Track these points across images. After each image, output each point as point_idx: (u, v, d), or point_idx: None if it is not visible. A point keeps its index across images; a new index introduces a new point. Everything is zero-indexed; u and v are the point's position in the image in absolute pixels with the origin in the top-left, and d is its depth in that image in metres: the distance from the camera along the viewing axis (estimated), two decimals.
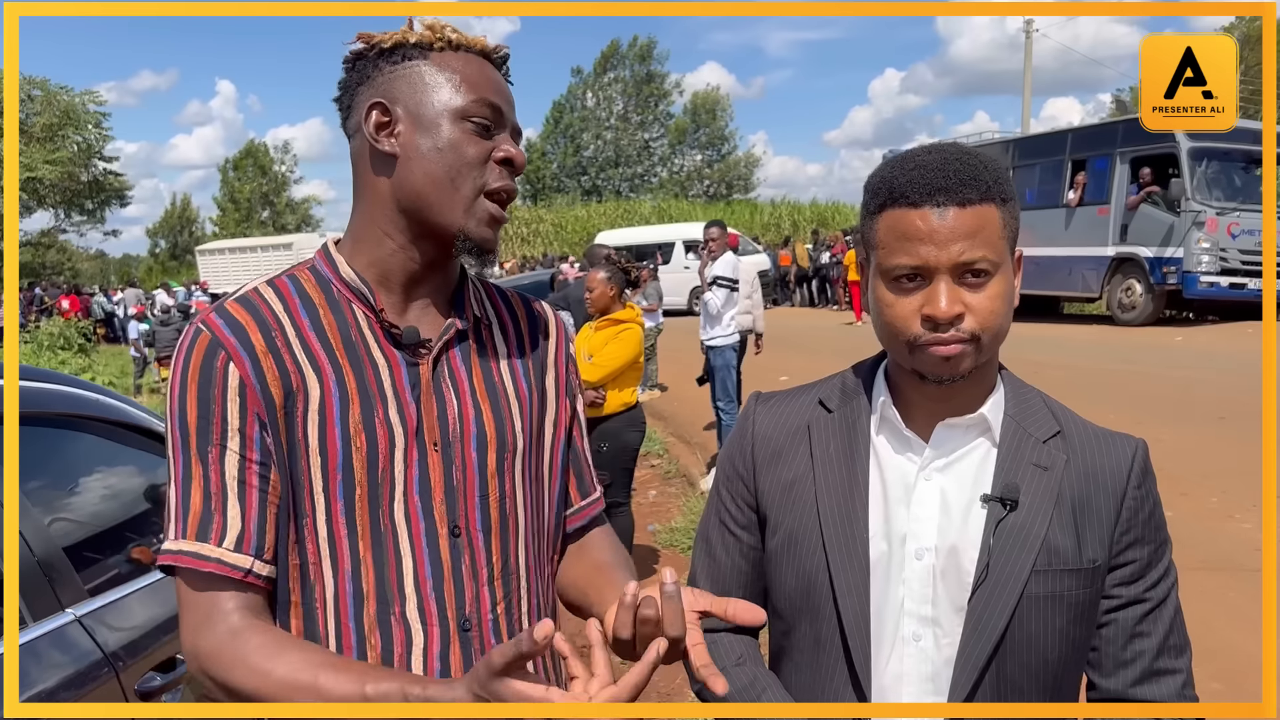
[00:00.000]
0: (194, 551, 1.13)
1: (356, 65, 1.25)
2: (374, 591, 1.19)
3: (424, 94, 1.21)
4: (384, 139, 1.21)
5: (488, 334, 1.34)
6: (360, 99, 1.23)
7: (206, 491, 1.15)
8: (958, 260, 1.13)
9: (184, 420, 1.15)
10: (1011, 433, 1.25)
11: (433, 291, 1.29)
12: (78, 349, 19.83)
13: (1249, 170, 15.03)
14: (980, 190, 1.14)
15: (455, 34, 1.23)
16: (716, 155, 55.67)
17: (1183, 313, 15.40)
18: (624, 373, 5.35)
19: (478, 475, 1.26)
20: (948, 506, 1.23)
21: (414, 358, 1.24)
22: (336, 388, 1.19)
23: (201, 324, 1.17)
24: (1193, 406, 8.57)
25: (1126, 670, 1.24)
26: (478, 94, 1.21)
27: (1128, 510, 1.23)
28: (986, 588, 1.20)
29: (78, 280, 44.17)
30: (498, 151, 1.22)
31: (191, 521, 1.14)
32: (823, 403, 1.35)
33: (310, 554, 1.18)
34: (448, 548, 1.23)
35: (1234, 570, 4.95)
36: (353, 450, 1.18)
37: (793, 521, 1.30)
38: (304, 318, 1.21)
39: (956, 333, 1.15)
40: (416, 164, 1.20)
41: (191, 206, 67.12)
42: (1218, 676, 3.90)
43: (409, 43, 1.22)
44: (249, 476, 1.16)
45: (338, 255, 1.26)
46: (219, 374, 1.15)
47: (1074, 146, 16.36)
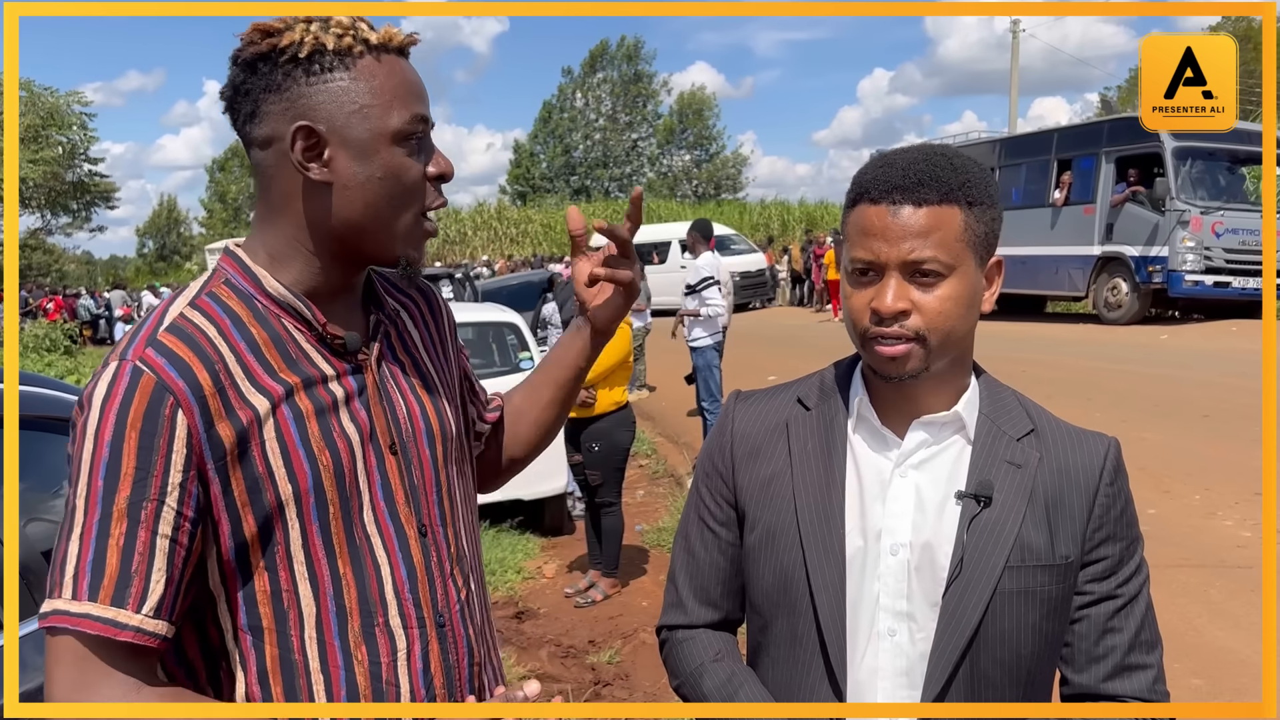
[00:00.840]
0: (107, 618, 1.01)
1: (259, 68, 1.12)
2: (357, 606, 1.17)
3: (352, 115, 1.11)
4: (313, 166, 1.12)
5: (402, 324, 1.33)
6: (271, 110, 1.12)
7: (128, 551, 1.02)
8: (906, 258, 1.16)
9: (114, 469, 1.03)
10: (986, 430, 1.26)
11: (352, 296, 1.26)
12: (63, 351, 19.72)
13: (1233, 170, 15.12)
14: (940, 191, 1.15)
15: (372, 32, 1.13)
16: (705, 155, 55.74)
17: (1168, 311, 15.48)
18: (614, 372, 5.36)
19: (433, 470, 1.27)
20: (922, 503, 1.24)
21: (356, 363, 1.21)
22: (289, 409, 1.13)
23: (140, 363, 1.05)
24: (1177, 404, 8.62)
25: (1098, 665, 1.25)
26: (408, 108, 1.14)
27: (1100, 507, 1.25)
28: (960, 583, 1.21)
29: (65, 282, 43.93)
30: (431, 167, 1.18)
31: (107, 583, 1.01)
32: (801, 400, 1.36)
33: (284, 581, 1.13)
34: (418, 548, 1.23)
35: (1216, 567, 4.98)
36: (320, 469, 1.14)
37: (771, 518, 1.31)
38: (240, 341, 1.13)
39: (900, 329, 1.17)
40: (356, 194, 1.14)
41: (179, 208, 66.94)
42: (1199, 673, 3.93)
43: (326, 49, 1.10)
44: (180, 536, 1.05)
45: (258, 269, 1.17)
46: (165, 424, 1.04)
47: (1060, 146, 16.42)
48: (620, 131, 55.52)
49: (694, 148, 55.85)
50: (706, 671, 1.34)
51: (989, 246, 1.21)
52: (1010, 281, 16.06)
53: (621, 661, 4.67)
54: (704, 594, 1.39)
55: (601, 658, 4.70)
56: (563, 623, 5.27)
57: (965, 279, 1.18)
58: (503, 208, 45.67)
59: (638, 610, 5.33)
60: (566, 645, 4.92)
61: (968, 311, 1.20)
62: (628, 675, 4.52)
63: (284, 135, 1.12)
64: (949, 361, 1.23)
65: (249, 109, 1.14)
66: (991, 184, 1.22)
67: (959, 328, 1.19)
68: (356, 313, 1.26)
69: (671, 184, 54.57)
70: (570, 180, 55.60)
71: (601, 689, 4.37)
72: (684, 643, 1.39)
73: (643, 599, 5.50)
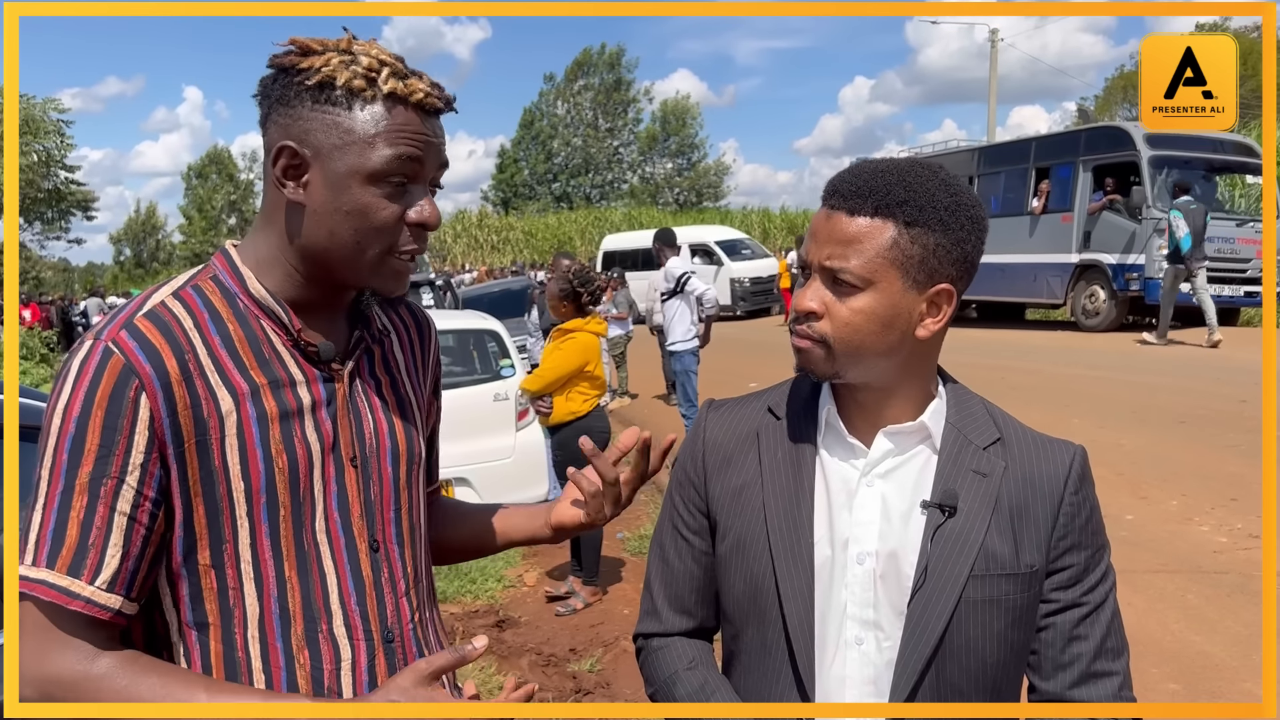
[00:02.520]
0: (61, 586, 1.06)
1: (280, 78, 1.17)
2: (300, 611, 1.18)
3: (338, 148, 1.14)
4: (289, 184, 1.16)
5: (388, 345, 1.35)
6: (276, 121, 1.17)
7: (86, 524, 1.07)
8: (822, 262, 1.19)
9: (79, 444, 1.07)
10: (952, 440, 1.27)
11: (335, 310, 1.27)
12: (39, 359, 19.53)
13: (1209, 179, 15.27)
14: (875, 204, 1.16)
15: (390, 82, 1.15)
16: (687, 163, 55.85)
17: (1145, 318, 15.61)
18: (570, 382, 5.32)
19: (393, 488, 1.27)
20: (888, 512, 1.25)
21: (329, 373, 1.23)
22: (254, 408, 1.15)
23: (112, 344, 1.09)
24: (1154, 411, 8.68)
25: (1065, 673, 1.26)
26: (396, 154, 1.14)
27: (1065, 516, 1.25)
28: (925, 592, 1.21)
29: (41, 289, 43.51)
30: (410, 213, 1.18)
31: (65, 553, 1.06)
32: (771, 410, 1.37)
33: (230, 578, 1.15)
34: (368, 562, 1.23)
35: (1192, 572, 5.02)
36: (275, 471, 1.15)
37: (741, 526, 1.32)
38: (214, 335, 1.16)
39: (807, 329, 1.21)
40: (323, 221, 1.16)
41: (157, 214, 66.44)
42: (1176, 677, 3.96)
43: (336, 83, 1.13)
44: (140, 515, 1.09)
45: (245, 270, 1.21)
46: (129, 404, 1.08)
47: (1038, 154, 16.53)
48: (602, 138, 55.58)
49: (676, 155, 55.99)
50: (680, 679, 1.35)
51: (929, 271, 1.19)
52: (989, 289, 16.22)
53: (603, 669, 4.66)
54: (678, 602, 1.40)
55: (582, 666, 4.69)
56: (543, 631, 5.25)
57: (884, 297, 1.18)
58: (484, 215, 45.51)
59: (619, 618, 5.32)
60: (547, 654, 4.91)
61: (883, 330, 1.19)
62: (609, 683, 4.51)
63: (273, 150, 1.16)
64: (898, 372, 1.24)
65: (264, 112, 1.19)
66: (952, 210, 1.18)
67: (870, 344, 1.20)
68: (340, 326, 1.28)
69: (653, 191, 54.68)
70: (552, 187, 55.62)
71: (582, 697, 4.36)
72: (659, 651, 1.40)
73: (624, 607, 5.49)
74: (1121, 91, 43.71)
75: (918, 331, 1.22)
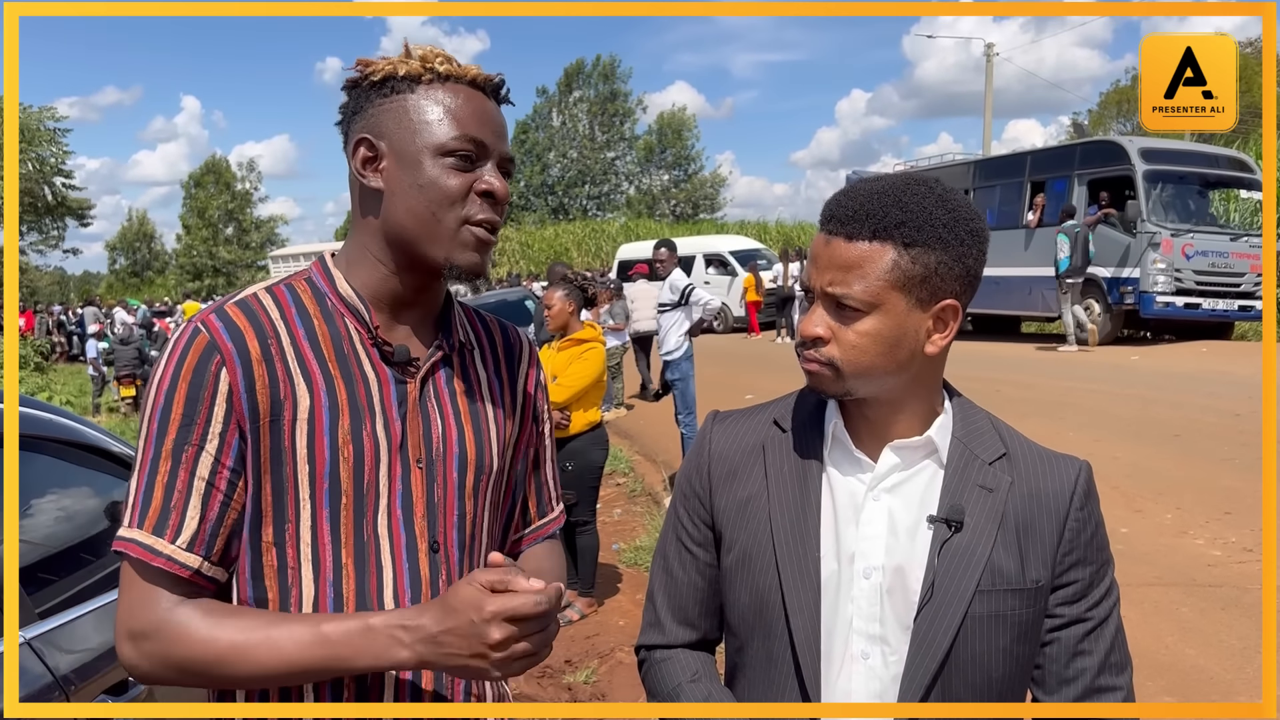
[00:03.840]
0: (147, 544, 1.15)
1: (352, 94, 1.28)
2: (354, 597, 1.21)
3: (408, 130, 1.23)
4: (370, 174, 1.25)
5: (470, 358, 1.38)
6: (353, 129, 1.26)
7: (170, 488, 1.16)
8: (825, 289, 1.20)
9: (166, 415, 1.16)
10: (959, 455, 1.28)
11: (421, 314, 1.32)
12: (34, 367, 19.49)
13: (1203, 193, 15.35)
14: (872, 228, 1.17)
15: (445, 65, 1.25)
16: (683, 175, 55.92)
17: (1140, 332, 15.65)
18: (588, 393, 5.38)
19: (457, 494, 1.30)
20: (895, 526, 1.26)
21: (402, 376, 1.27)
22: (327, 398, 1.21)
23: (201, 324, 1.19)
24: (1149, 424, 8.70)
25: (1069, 688, 1.26)
26: (460, 129, 1.23)
27: (1070, 531, 1.26)
28: (931, 607, 1.22)
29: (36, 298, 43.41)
30: (479, 184, 1.24)
31: (151, 514, 1.15)
32: (777, 422, 1.37)
33: (290, 558, 1.20)
34: (427, 563, 1.26)
35: (1187, 586, 5.03)
36: (340, 460, 1.20)
37: (747, 539, 1.32)
38: (299, 327, 1.24)
39: (815, 354, 1.22)
40: (400, 200, 1.23)
41: (149, 222, 66.36)
42: (1170, 690, 3.96)
43: (398, 75, 1.23)
44: (218, 481, 1.17)
45: (336, 271, 1.29)
46: (211, 378, 1.16)
47: (1033, 168, 16.61)
48: (597, 150, 55.67)
49: (673, 167, 56.05)
50: (684, 692, 1.35)
51: (932, 289, 1.19)
52: (985, 302, 16.24)
53: (598, 681, 4.65)
54: (682, 614, 1.40)
55: (578, 678, 4.68)
56: None
57: (889, 319, 1.19)
58: None
59: (614, 630, 5.31)
60: (543, 665, 4.89)
61: (889, 350, 1.20)
62: (604, 695, 4.50)
63: (351, 149, 1.26)
64: (906, 386, 1.25)
65: (344, 130, 1.29)
66: (951, 226, 1.19)
67: (878, 364, 1.21)
68: (424, 331, 1.33)
69: (650, 203, 54.72)
70: (548, 199, 55.68)
71: None
72: (662, 663, 1.40)
73: (619, 618, 5.48)
74: (1116, 106, 43.86)
75: (926, 348, 1.23)
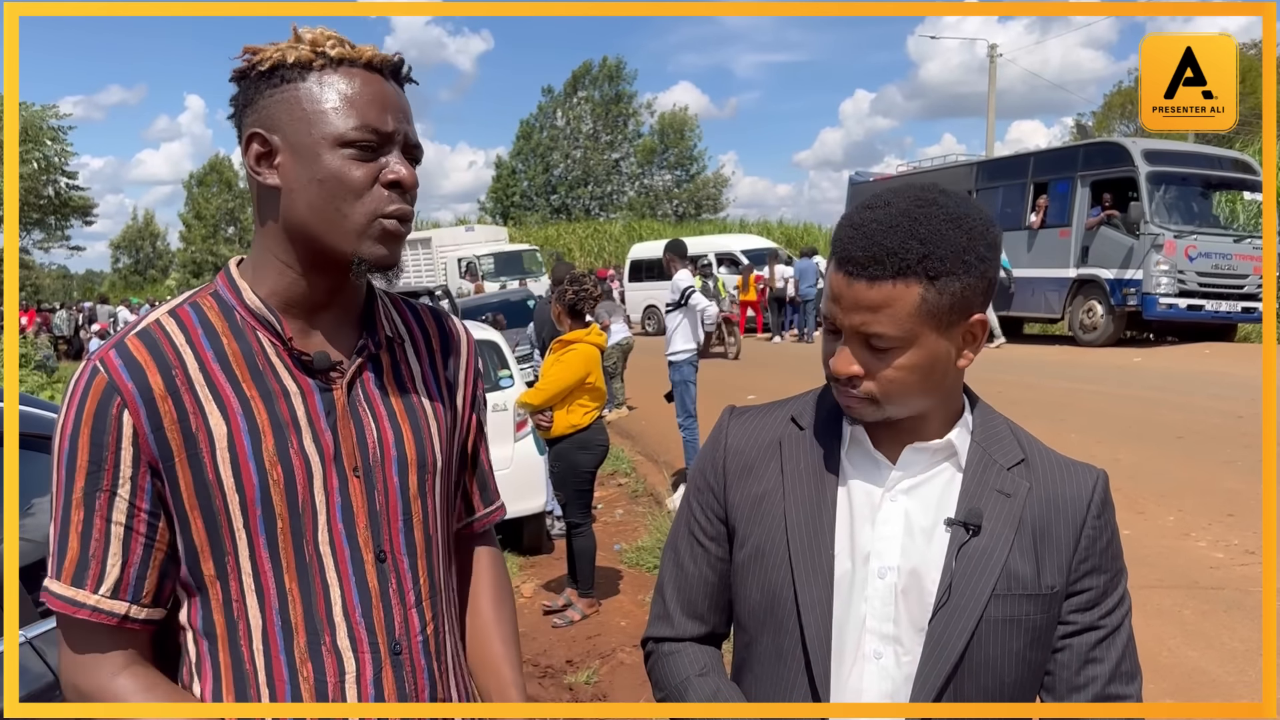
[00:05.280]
0: (68, 597, 1.12)
1: (241, 85, 1.19)
2: (303, 623, 1.18)
3: (301, 121, 1.15)
4: (265, 171, 1.17)
5: (401, 352, 1.32)
6: (244, 124, 1.18)
7: (85, 536, 1.12)
8: (857, 329, 1.18)
9: (73, 462, 1.12)
10: (977, 459, 1.27)
11: (340, 313, 1.26)
12: (35, 365, 19.49)
13: (1206, 195, 15.33)
14: (895, 268, 1.14)
15: (337, 48, 1.16)
16: (685, 175, 55.88)
17: (1142, 334, 15.65)
18: (570, 394, 5.31)
19: (400, 498, 1.26)
20: (911, 528, 1.25)
21: (327, 383, 1.22)
22: (245, 421, 1.15)
23: (99, 363, 1.13)
24: (1151, 426, 8.69)
25: (1079, 695, 1.26)
26: (359, 117, 1.15)
27: (1086, 539, 1.26)
28: (947, 610, 1.21)
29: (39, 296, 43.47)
30: (385, 174, 1.17)
31: (68, 565, 1.12)
32: (795, 420, 1.36)
33: (233, 590, 1.16)
34: (374, 573, 1.22)
35: (1190, 588, 5.02)
36: (270, 483, 1.15)
37: (760, 535, 1.31)
38: (207, 350, 1.17)
39: (853, 391, 1.21)
40: (299, 196, 1.16)
41: (154, 222, 66.43)
42: (1172, 693, 3.95)
43: (287, 62, 1.15)
44: (136, 524, 1.13)
45: (241, 281, 1.22)
46: (113, 422, 1.11)
47: (1036, 169, 16.59)
48: (601, 151, 55.65)
49: (675, 168, 56.01)
50: (691, 686, 1.35)
51: (960, 310, 1.18)
52: None
53: (599, 682, 4.65)
54: (691, 607, 1.40)
55: (579, 678, 4.67)
56: (540, 643, 5.24)
57: (923, 349, 1.18)
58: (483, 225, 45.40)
59: (616, 630, 5.31)
60: (544, 665, 4.89)
61: (925, 377, 1.19)
62: (605, 695, 4.49)
63: (243, 145, 1.18)
64: (927, 400, 1.23)
65: (237, 126, 1.21)
66: (969, 248, 1.16)
67: (917, 390, 1.20)
68: (346, 331, 1.26)
69: (652, 203, 54.69)
70: (551, 199, 55.65)
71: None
72: (669, 656, 1.39)
73: (621, 619, 5.48)
74: (1120, 107, 43.79)
75: (959, 363, 1.22)
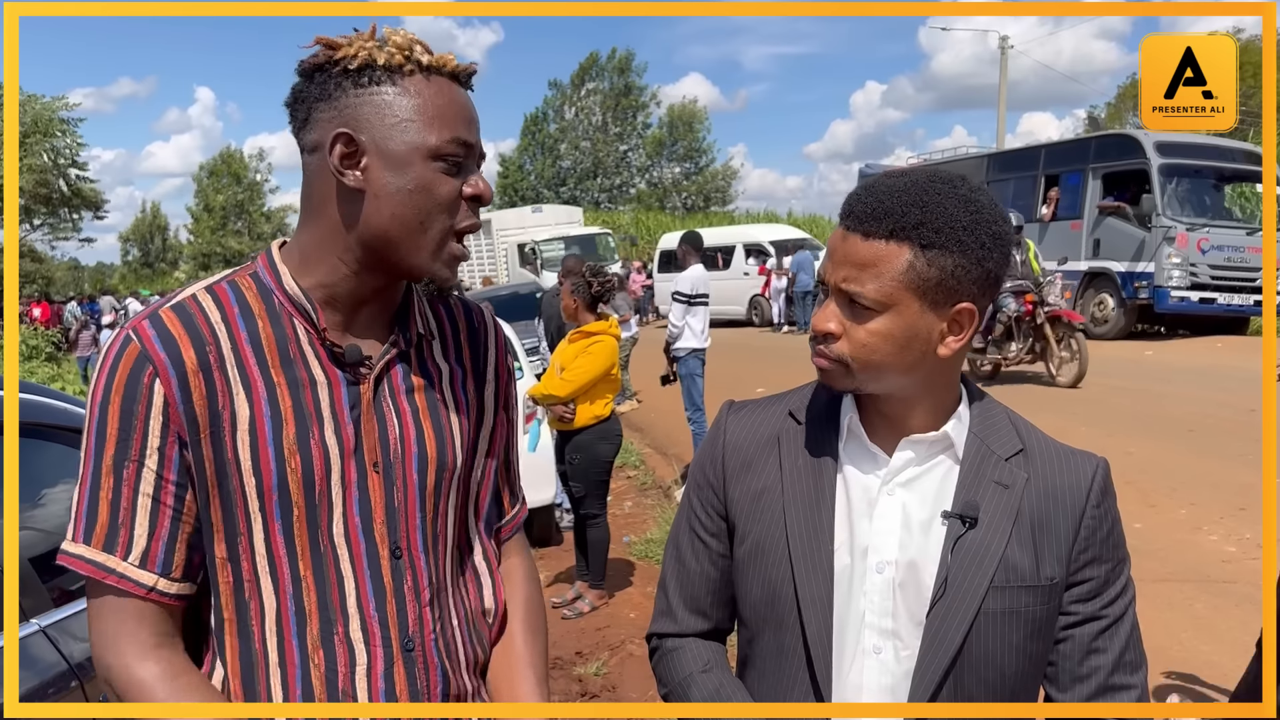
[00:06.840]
0: (98, 562, 1.12)
1: (315, 77, 1.17)
2: (316, 611, 1.18)
3: (393, 128, 1.14)
4: (349, 172, 1.15)
5: (429, 349, 1.32)
6: (320, 117, 1.17)
7: (115, 505, 1.12)
8: (839, 285, 1.19)
9: (103, 430, 1.12)
10: (975, 450, 1.27)
11: (378, 309, 1.26)
12: (46, 357, 19.60)
13: (1218, 187, 15.25)
14: (890, 227, 1.14)
15: (426, 55, 1.17)
16: (694, 168, 55.78)
17: (1154, 327, 15.57)
18: (596, 386, 5.34)
19: (418, 496, 1.25)
20: (909, 521, 1.25)
21: (354, 377, 1.22)
22: (269, 407, 1.16)
23: (132, 332, 1.13)
24: (1163, 419, 8.66)
25: (1082, 685, 1.25)
26: (451, 131, 1.16)
27: (1086, 529, 1.25)
28: (944, 602, 1.21)
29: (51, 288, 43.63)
30: (467, 188, 1.19)
31: (99, 531, 1.12)
32: (792, 414, 1.36)
33: (245, 571, 1.17)
34: (389, 569, 1.22)
35: (1201, 581, 5.01)
36: (287, 471, 1.16)
37: (760, 531, 1.31)
38: (242, 331, 1.17)
39: (825, 349, 1.21)
40: (385, 204, 1.15)
41: (162, 214, 66.66)
42: (1184, 688, 3.94)
43: (377, 64, 1.15)
44: (164, 495, 1.14)
45: (283, 267, 1.21)
46: (144, 390, 1.11)
47: (1048, 162, 16.53)
48: (610, 143, 55.57)
49: (684, 160, 55.90)
50: (695, 682, 1.35)
51: (948, 292, 1.17)
52: None
53: (609, 673, 4.66)
54: (694, 603, 1.40)
55: (589, 670, 4.68)
56: (550, 635, 5.24)
57: (901, 319, 1.17)
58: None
59: (625, 622, 5.31)
60: (553, 657, 4.90)
61: (900, 350, 1.18)
62: (615, 687, 4.50)
63: (326, 141, 1.16)
64: (920, 385, 1.23)
65: (303, 115, 1.19)
66: (971, 229, 1.15)
67: (888, 363, 1.19)
68: (379, 327, 1.27)
69: (661, 195, 54.60)
70: (560, 191, 55.60)
71: (589, 700, 4.35)
72: (673, 652, 1.39)
73: (630, 610, 5.49)
74: (1133, 99, 43.55)
75: (939, 350, 1.20)
